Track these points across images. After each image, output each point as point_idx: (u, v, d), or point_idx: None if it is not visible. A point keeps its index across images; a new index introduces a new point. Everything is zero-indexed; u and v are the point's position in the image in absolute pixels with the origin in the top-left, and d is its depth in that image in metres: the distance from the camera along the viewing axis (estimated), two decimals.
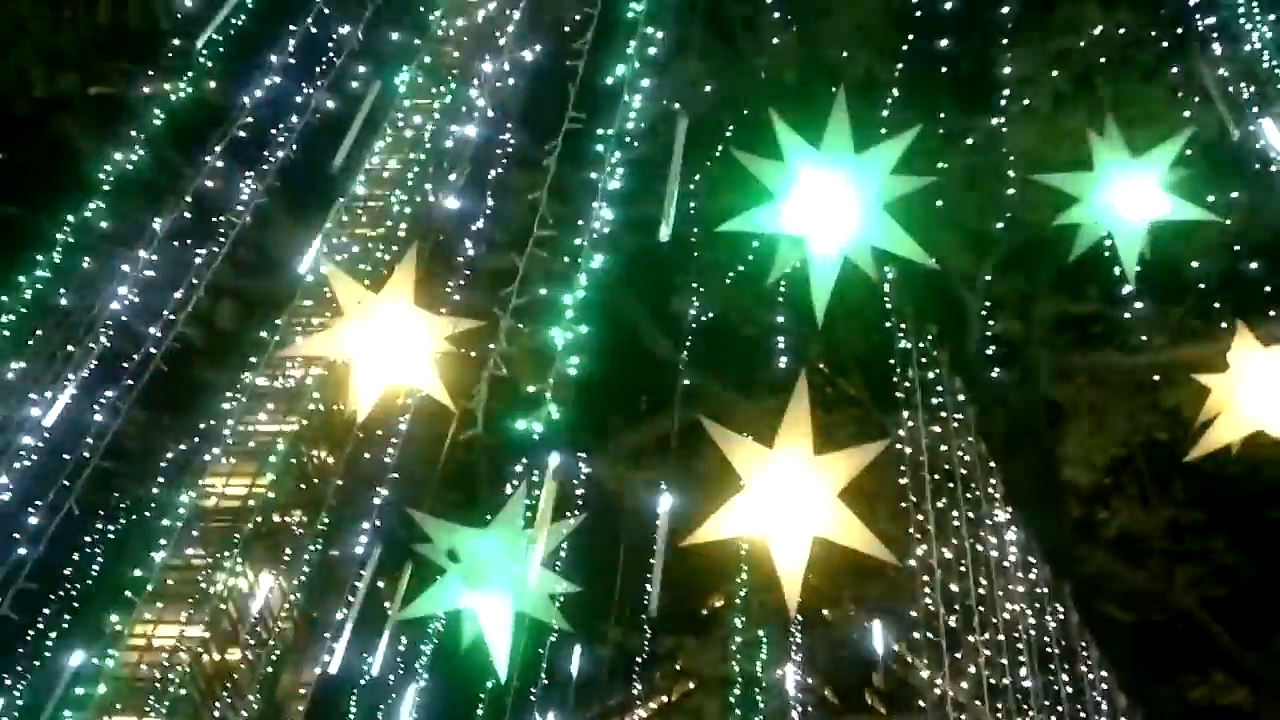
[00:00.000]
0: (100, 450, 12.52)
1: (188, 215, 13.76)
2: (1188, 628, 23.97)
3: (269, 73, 14.38)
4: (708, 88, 18.02)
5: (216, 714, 21.62)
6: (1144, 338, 19.62)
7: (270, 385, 22.54)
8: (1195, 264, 17.91)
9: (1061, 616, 19.46)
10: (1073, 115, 16.74)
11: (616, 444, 23.37)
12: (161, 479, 21.58)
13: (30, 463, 15.27)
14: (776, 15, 18.66)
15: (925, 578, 18.32)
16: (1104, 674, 19.34)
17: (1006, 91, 17.57)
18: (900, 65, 17.34)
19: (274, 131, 14.59)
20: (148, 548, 21.41)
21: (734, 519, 8.43)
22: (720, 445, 8.33)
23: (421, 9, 18.30)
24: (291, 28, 14.86)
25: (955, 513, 17.82)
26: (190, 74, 15.63)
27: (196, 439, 21.60)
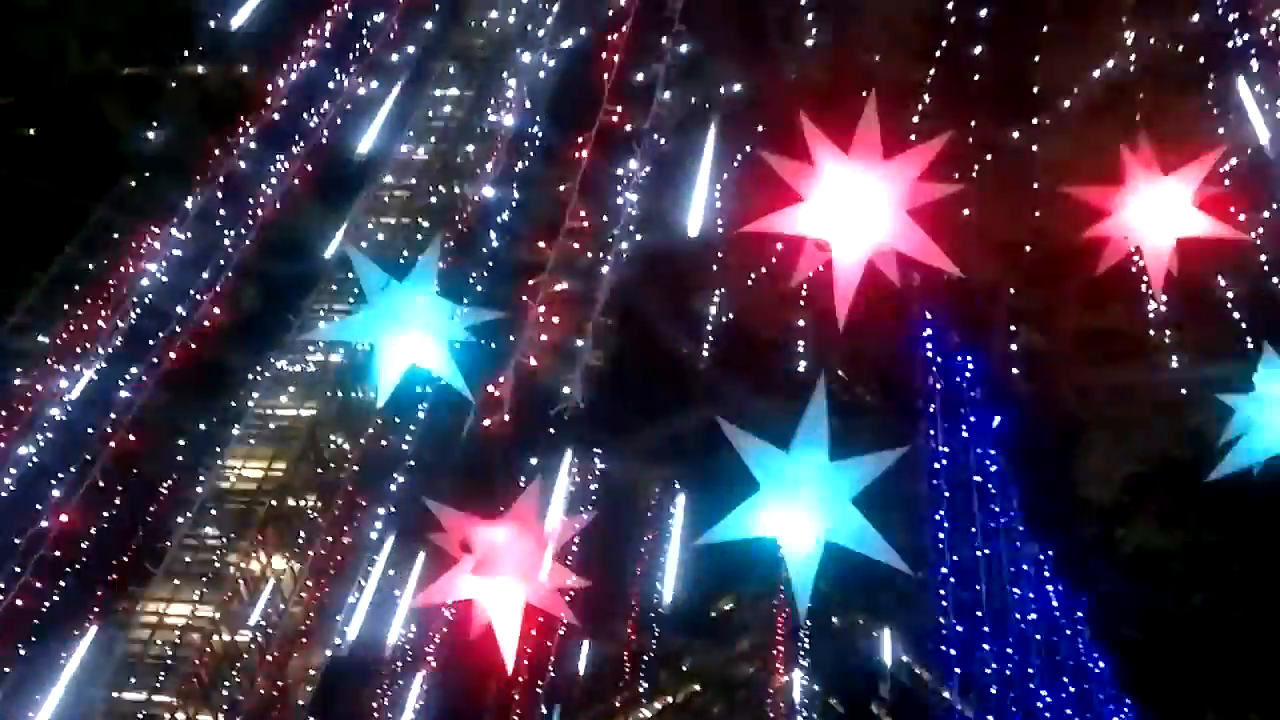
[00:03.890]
0: (123, 425, 12.63)
1: (218, 196, 13.86)
2: (1203, 650, 23.74)
3: (302, 58, 14.45)
4: (738, 87, 17.97)
5: (225, 693, 21.76)
6: (1168, 356, 19.43)
7: (291, 369, 22.70)
8: (1223, 282, 17.72)
9: (1075, 633, 19.33)
10: (1105, 127, 16.61)
11: (632, 441, 23.34)
12: (180, 457, 21.71)
13: (53, 435, 15.42)
14: (811, 17, 18.58)
15: (938, 589, 18.23)
16: (1115, 692, 19.21)
17: (1039, 101, 17.45)
18: (933, 71, 17.23)
19: (305, 116, 14.66)
20: (164, 525, 21.58)
21: (747, 521, 8.42)
22: (736, 446, 8.31)
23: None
24: (326, 14, 14.94)
25: (971, 524, 17.72)
26: (224, 57, 15.76)
27: (216, 419, 21.73)
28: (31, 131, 21.75)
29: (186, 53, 19.68)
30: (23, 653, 18.21)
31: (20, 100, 21.75)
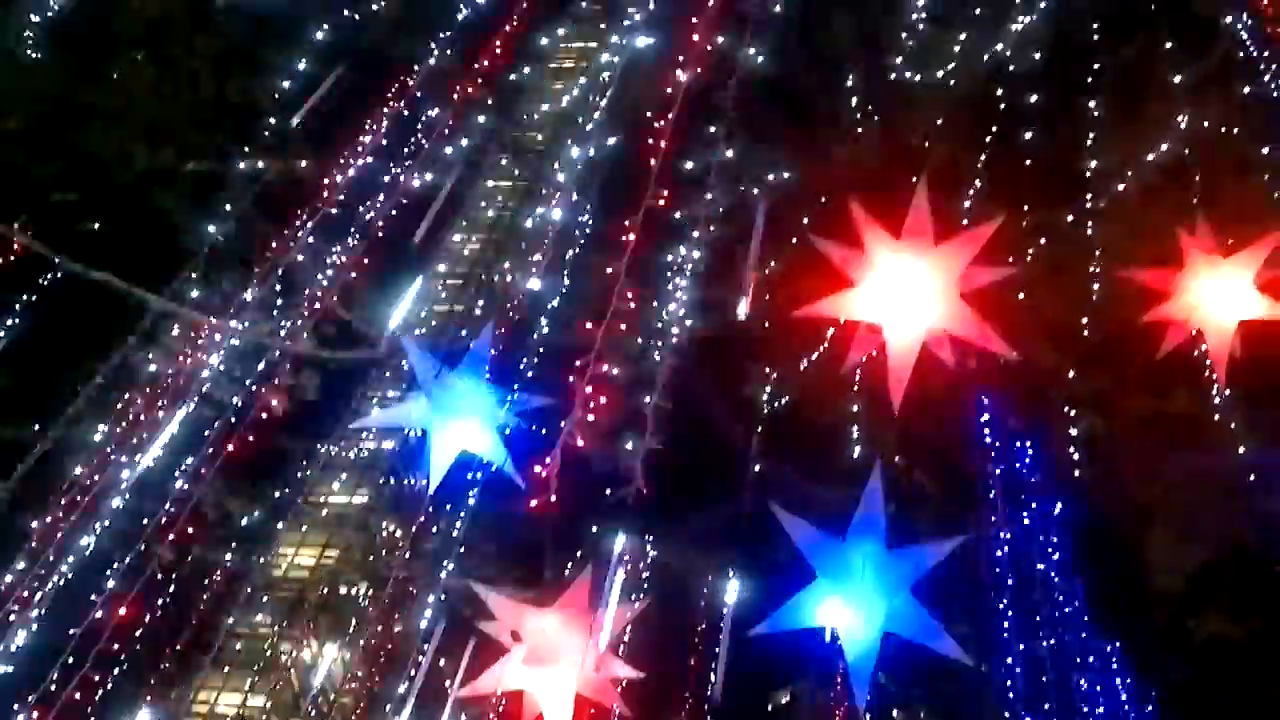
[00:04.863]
0: (179, 516, 12.76)
1: (275, 288, 14.14)
2: None
3: (359, 152, 14.83)
4: (787, 174, 18.14)
5: None
6: (1236, 440, 18.97)
7: (343, 455, 22.87)
8: None
9: None
10: (1161, 209, 16.50)
11: (684, 527, 23.11)
12: (233, 545, 21.83)
13: (110, 526, 15.59)
14: (859, 104, 18.78)
15: (1002, 681, 17.73)
16: None
17: (1093, 184, 17.39)
18: (983, 156, 17.29)
19: (361, 209, 14.98)
20: (216, 614, 21.62)
21: (803, 610, 8.28)
22: (791, 533, 8.21)
23: (508, 93, 18.82)
24: (383, 109, 15.35)
25: (1035, 614, 17.27)
26: (284, 150, 16.18)
27: (268, 507, 21.89)
28: (94, 227, 22.41)
29: (247, 147, 20.27)
30: None
31: (83, 196, 22.47)
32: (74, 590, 15.55)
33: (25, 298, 18.56)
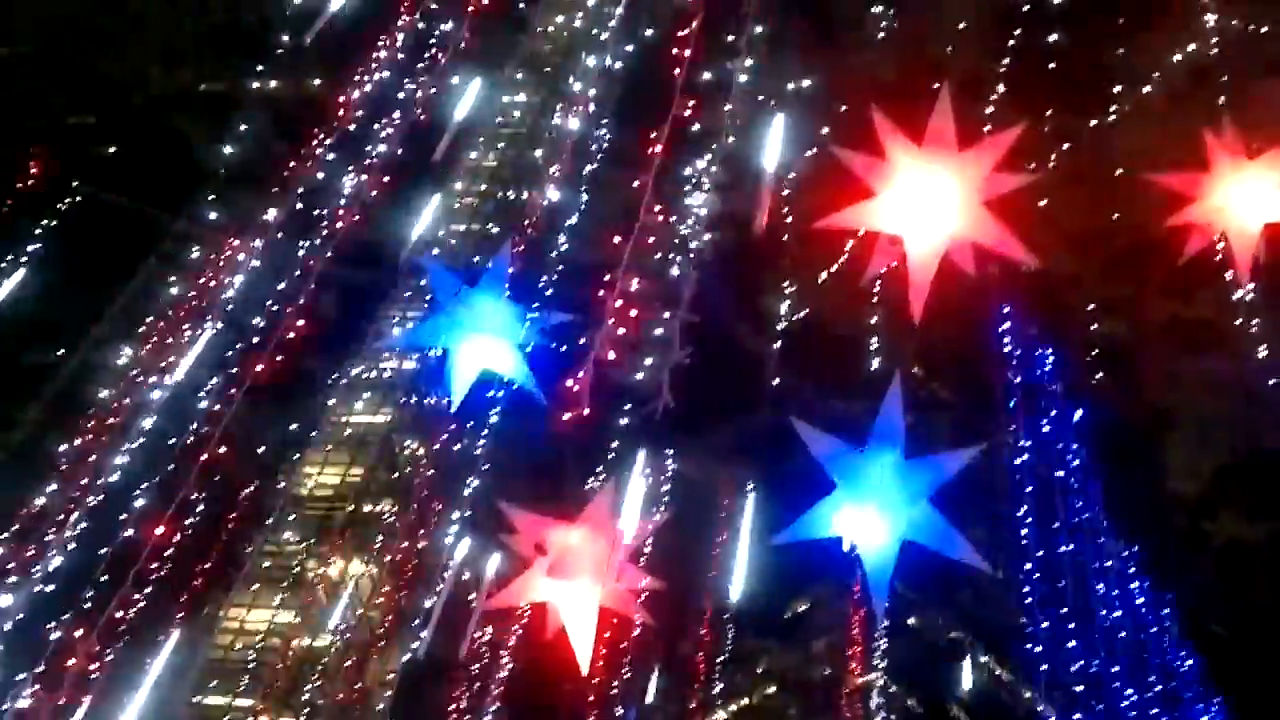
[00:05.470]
0: (206, 436, 12.92)
1: (293, 207, 14.09)
2: None
3: (374, 69, 14.64)
4: (807, 83, 17.84)
5: (305, 697, 22.10)
6: (1256, 345, 18.87)
7: (366, 375, 23.03)
8: None
9: (1161, 630, 18.89)
10: (1187, 113, 16.20)
11: (705, 441, 23.24)
12: (259, 465, 22.11)
13: (139, 446, 15.80)
14: (880, 11, 18.39)
15: (1019, 587, 17.94)
16: (1204, 690, 18.71)
17: (1118, 89, 17.06)
18: (1006, 61, 16.94)
19: (377, 126, 14.84)
20: (244, 532, 22.00)
21: (822, 520, 8.30)
22: (810, 445, 8.20)
23: (523, 6, 18.50)
24: (397, 26, 15.12)
25: (1053, 520, 17.39)
26: (297, 71, 15.99)
27: (293, 426, 22.12)
28: (111, 150, 22.32)
29: (261, 68, 20.06)
30: (110, 657, 18.68)
31: (100, 119, 22.36)
32: (106, 511, 15.82)
33: (46, 222, 18.59)
